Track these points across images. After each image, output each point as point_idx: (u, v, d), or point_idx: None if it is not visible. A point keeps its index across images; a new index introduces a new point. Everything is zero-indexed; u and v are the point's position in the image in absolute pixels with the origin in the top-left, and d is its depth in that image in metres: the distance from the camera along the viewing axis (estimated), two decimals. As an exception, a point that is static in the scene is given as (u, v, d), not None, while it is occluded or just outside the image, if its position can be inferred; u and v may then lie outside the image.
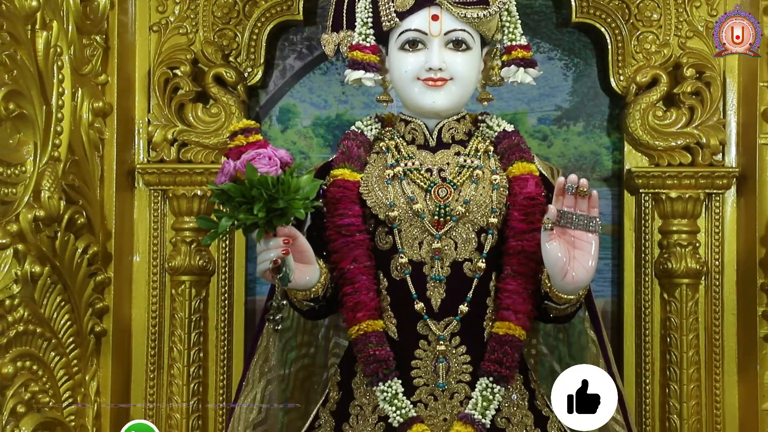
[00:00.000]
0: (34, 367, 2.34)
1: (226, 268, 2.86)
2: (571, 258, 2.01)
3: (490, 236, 2.19)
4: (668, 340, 2.77)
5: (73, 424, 2.50)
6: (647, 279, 2.81)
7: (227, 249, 2.87)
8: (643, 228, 2.82)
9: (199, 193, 2.81)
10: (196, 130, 2.85)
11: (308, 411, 2.41)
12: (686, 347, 2.74)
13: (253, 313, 2.92)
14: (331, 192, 2.23)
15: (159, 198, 2.84)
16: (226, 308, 2.86)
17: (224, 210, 1.90)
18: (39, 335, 2.36)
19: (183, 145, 2.86)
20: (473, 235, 2.19)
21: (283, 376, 2.54)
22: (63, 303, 2.46)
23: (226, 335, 2.86)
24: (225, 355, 2.85)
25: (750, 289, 2.70)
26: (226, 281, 2.87)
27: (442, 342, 2.15)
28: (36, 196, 2.35)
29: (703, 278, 2.79)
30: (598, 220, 2.01)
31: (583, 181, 1.99)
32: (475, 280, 2.18)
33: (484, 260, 2.18)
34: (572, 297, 2.09)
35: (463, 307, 2.16)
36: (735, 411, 2.77)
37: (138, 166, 2.83)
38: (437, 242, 2.17)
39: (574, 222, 2.01)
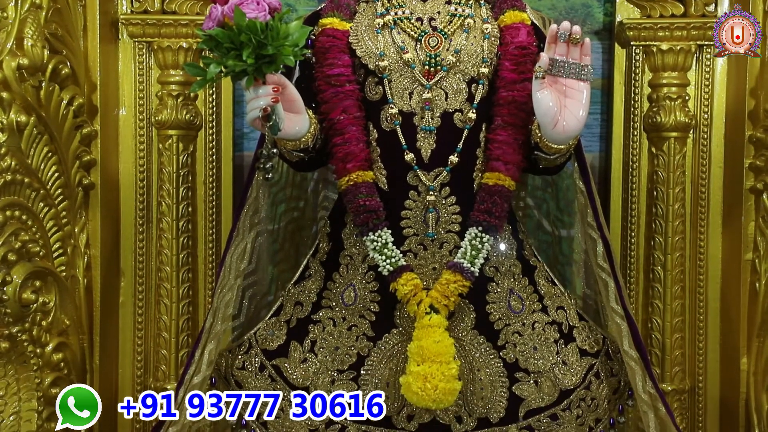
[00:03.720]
0: (23, 217, 2.34)
1: (214, 123, 2.83)
2: (562, 107, 2.01)
3: (480, 86, 2.18)
4: (655, 193, 2.78)
5: (64, 274, 2.52)
6: (636, 133, 2.80)
7: (214, 103, 2.84)
8: (633, 81, 2.79)
9: (184, 45, 2.75)
10: (180, -21, 2.78)
11: (298, 263, 2.43)
12: (672, 200, 2.75)
13: (241, 168, 2.92)
14: (320, 41, 2.21)
15: (144, 50, 2.79)
16: (214, 163, 2.84)
17: (212, 57, 1.87)
18: (27, 185, 2.35)
19: (167, -5, 2.79)
20: (464, 86, 2.18)
21: (272, 230, 2.56)
22: (50, 154, 2.44)
23: (214, 190, 2.85)
24: (213, 209, 2.85)
25: (738, 141, 2.70)
26: (214, 136, 2.84)
27: (431, 192, 2.16)
28: (19, 44, 2.30)
29: (691, 131, 2.78)
30: (590, 68, 2.00)
31: (576, 28, 1.97)
32: (466, 131, 2.18)
33: (474, 111, 2.17)
34: (562, 147, 2.09)
35: (453, 158, 2.16)
36: (718, 262, 2.80)
37: (121, 17, 2.76)
38: (427, 92, 2.16)
39: (565, 70, 2.00)
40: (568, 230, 2.72)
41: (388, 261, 2.13)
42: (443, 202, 2.17)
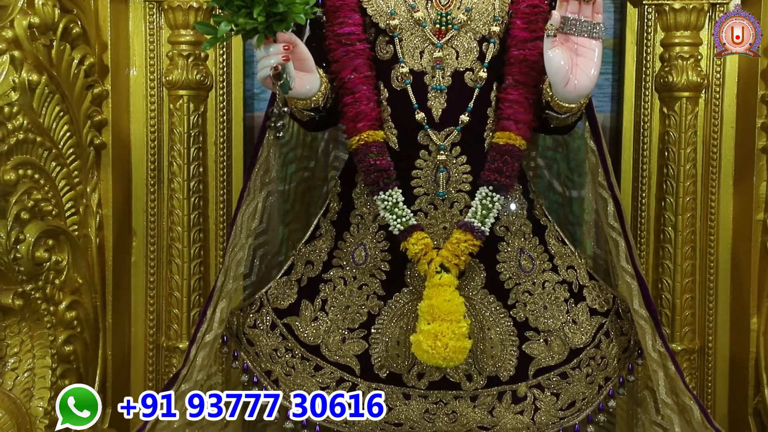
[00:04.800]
0: (36, 176, 2.35)
1: (224, 83, 2.82)
2: (573, 65, 2.00)
3: (491, 45, 2.17)
4: (666, 154, 2.76)
5: (76, 233, 2.53)
6: (647, 93, 2.78)
7: (225, 64, 2.82)
8: (645, 41, 2.77)
9: (194, 5, 2.73)
10: (190, -63, 2.76)
11: (309, 223, 2.44)
12: (684, 160, 2.74)
13: (252, 129, 2.91)
14: (330, 0, 2.19)
15: (154, 10, 2.77)
16: (225, 124, 2.84)
17: (223, 15, 1.87)
18: (39, 144, 2.36)
19: (177, -47, 2.77)
20: (475, 44, 2.17)
21: (283, 191, 2.57)
22: (62, 113, 2.45)
23: (225, 150, 2.84)
24: (224, 170, 2.85)
25: (750, 100, 2.68)
26: (224, 96, 2.83)
27: (442, 152, 2.16)
28: (30, 3, 2.30)
29: (703, 91, 2.76)
30: (601, 26, 1.99)
31: (588, -15, 1.96)
32: (476, 90, 2.17)
33: (485, 70, 2.16)
34: (573, 106, 2.08)
35: (464, 117, 2.16)
36: (729, 222, 2.79)
37: (131, -25, 2.76)
38: (438, 51, 2.15)
39: (577, 28, 1.99)
40: (579, 190, 2.71)
41: (398, 220, 2.14)
42: (454, 161, 2.17)
